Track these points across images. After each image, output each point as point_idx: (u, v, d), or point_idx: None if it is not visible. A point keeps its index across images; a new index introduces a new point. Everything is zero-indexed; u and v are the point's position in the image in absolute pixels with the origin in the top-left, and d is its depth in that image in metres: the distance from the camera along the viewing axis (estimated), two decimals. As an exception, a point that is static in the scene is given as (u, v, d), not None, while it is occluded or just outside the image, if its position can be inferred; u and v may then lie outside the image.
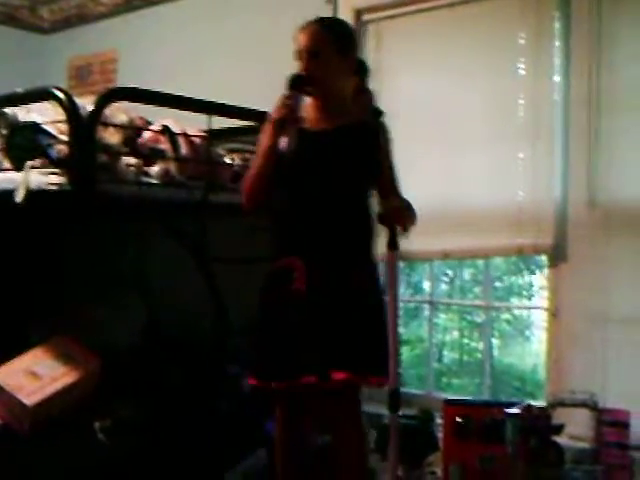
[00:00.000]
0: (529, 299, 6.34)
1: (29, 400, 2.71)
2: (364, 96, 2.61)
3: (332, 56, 2.49)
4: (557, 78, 3.29)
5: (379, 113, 2.57)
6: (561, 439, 2.87)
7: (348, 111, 2.56)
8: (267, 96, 3.76)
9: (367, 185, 2.56)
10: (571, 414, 2.92)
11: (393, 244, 2.43)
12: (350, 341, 2.37)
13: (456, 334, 6.50)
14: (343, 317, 2.39)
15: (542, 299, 4.43)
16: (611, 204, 3.15)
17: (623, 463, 2.78)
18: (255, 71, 4.23)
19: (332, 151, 2.47)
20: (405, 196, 2.57)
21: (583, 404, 2.83)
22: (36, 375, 2.81)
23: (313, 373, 2.36)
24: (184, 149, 3.08)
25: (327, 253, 2.44)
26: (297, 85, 2.46)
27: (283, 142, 2.42)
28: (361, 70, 2.63)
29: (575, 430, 2.99)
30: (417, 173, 3.63)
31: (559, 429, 2.86)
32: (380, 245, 2.54)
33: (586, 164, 3.18)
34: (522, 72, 3.39)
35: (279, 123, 2.42)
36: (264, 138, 2.49)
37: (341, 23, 2.69)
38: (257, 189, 2.53)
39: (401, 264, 4.15)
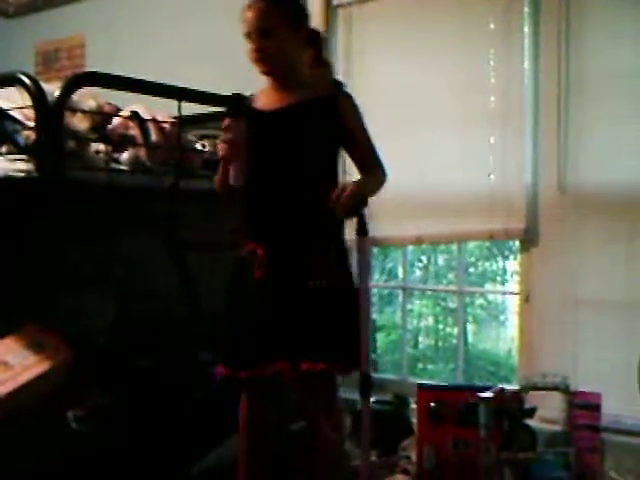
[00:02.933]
0: (503, 284, 6.39)
1: (0, 390, 2.68)
2: (322, 68, 2.53)
3: (285, 31, 2.37)
4: (527, 63, 3.29)
5: (339, 84, 2.49)
6: (533, 422, 2.89)
7: (305, 86, 2.45)
8: (237, 82, 3.76)
9: (332, 163, 2.47)
10: (543, 397, 2.94)
11: (362, 230, 2.40)
12: (314, 330, 2.33)
13: (431, 320, 6.54)
14: (304, 305, 2.34)
15: (515, 284, 4.46)
16: (581, 189, 3.17)
17: (594, 445, 2.80)
18: (225, 57, 4.19)
19: (290, 131, 2.38)
20: (382, 166, 2.50)
21: (555, 387, 2.85)
22: (7, 365, 2.79)
23: (276, 361, 2.34)
24: (154, 135, 3.05)
25: (288, 238, 2.38)
26: (238, 109, 2.37)
27: (231, 176, 2.35)
28: (316, 40, 2.53)
29: (547, 413, 3.01)
30: (388, 158, 3.60)
31: (531, 412, 2.88)
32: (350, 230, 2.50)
33: (556, 149, 3.19)
34: (492, 57, 3.38)
35: (226, 161, 2.37)
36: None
37: None
38: (225, 192, 2.50)
39: (375, 250, 4.18)
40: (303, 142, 2.39)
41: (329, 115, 2.41)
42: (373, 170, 2.49)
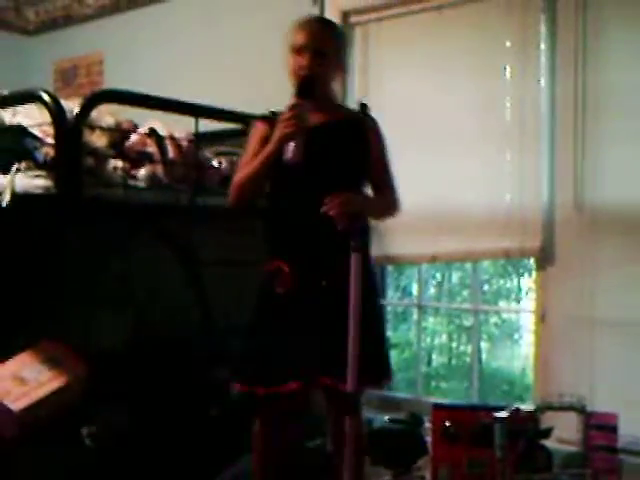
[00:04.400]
0: (517, 302, 6.36)
1: (15, 405, 2.69)
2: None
3: (334, 56, 2.52)
4: (543, 81, 3.29)
5: (366, 107, 2.57)
6: (549, 443, 2.87)
7: (335, 108, 2.57)
8: (256, 99, 3.79)
9: (359, 181, 2.53)
10: (559, 417, 2.92)
11: (356, 246, 2.38)
12: (337, 347, 2.34)
13: (445, 338, 6.51)
14: (331, 322, 2.36)
15: (530, 302, 4.44)
16: (598, 207, 3.15)
17: (611, 466, 2.77)
18: (243, 74, 4.22)
19: (321, 147, 2.44)
20: (396, 194, 2.57)
21: (571, 407, 2.82)
22: (23, 380, 2.80)
23: (299, 379, 2.35)
24: (171, 152, 3.07)
25: (314, 255, 2.42)
26: (306, 92, 2.42)
27: (290, 152, 2.35)
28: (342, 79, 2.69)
29: (563, 434, 2.98)
30: (404, 176, 3.61)
31: (547, 433, 2.86)
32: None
33: (573, 167, 3.19)
34: (508, 74, 3.39)
35: (290, 136, 2.36)
36: (268, 146, 2.43)
37: (338, 26, 2.68)
38: (249, 191, 2.51)
39: (389, 268, 4.17)
40: (335, 159, 2.45)
41: (357, 136, 2.50)
42: (385, 194, 2.57)
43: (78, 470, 2.64)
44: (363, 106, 2.58)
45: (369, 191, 2.62)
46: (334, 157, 2.46)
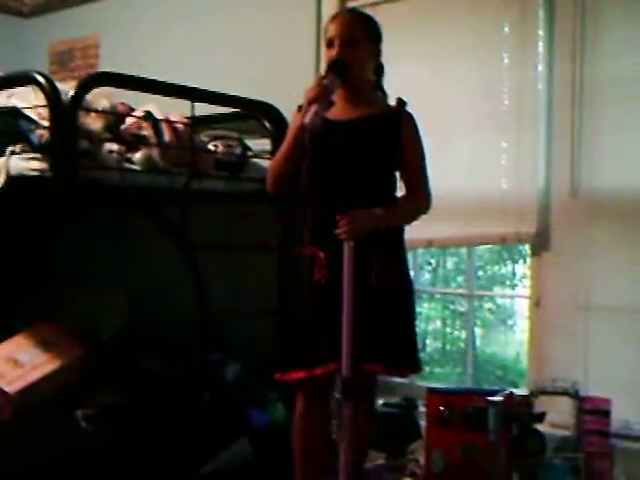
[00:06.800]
0: (512, 288, 6.36)
1: (10, 388, 2.70)
2: (379, 94, 2.64)
3: (364, 46, 2.52)
4: (541, 67, 3.28)
5: (404, 103, 2.57)
6: (543, 427, 2.89)
7: (371, 101, 2.57)
8: (254, 83, 3.78)
9: (392, 174, 2.55)
10: (553, 402, 2.94)
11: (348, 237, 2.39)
12: (375, 333, 2.40)
13: (439, 323, 6.52)
14: (365, 310, 2.36)
15: (525, 288, 4.45)
16: (594, 193, 3.16)
17: (604, 451, 2.80)
18: (242, 58, 4.21)
19: (356, 140, 2.46)
20: (428, 194, 2.56)
21: (564, 392, 2.84)
22: (18, 362, 2.81)
23: (337, 361, 2.34)
24: (167, 135, 3.05)
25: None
26: (336, 69, 2.44)
27: (308, 115, 2.35)
28: (380, 69, 2.65)
29: (556, 418, 3.00)
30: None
31: (541, 417, 2.88)
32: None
33: (569, 153, 3.19)
34: (506, 60, 3.38)
35: (311, 100, 2.37)
36: (294, 120, 2.47)
37: (371, 16, 2.66)
38: (280, 171, 2.52)
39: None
40: (369, 153, 2.47)
41: (393, 130, 2.51)
42: (414, 195, 2.55)
43: (73, 452, 2.65)
44: (400, 101, 2.57)
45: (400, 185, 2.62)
46: (365, 151, 2.47)
